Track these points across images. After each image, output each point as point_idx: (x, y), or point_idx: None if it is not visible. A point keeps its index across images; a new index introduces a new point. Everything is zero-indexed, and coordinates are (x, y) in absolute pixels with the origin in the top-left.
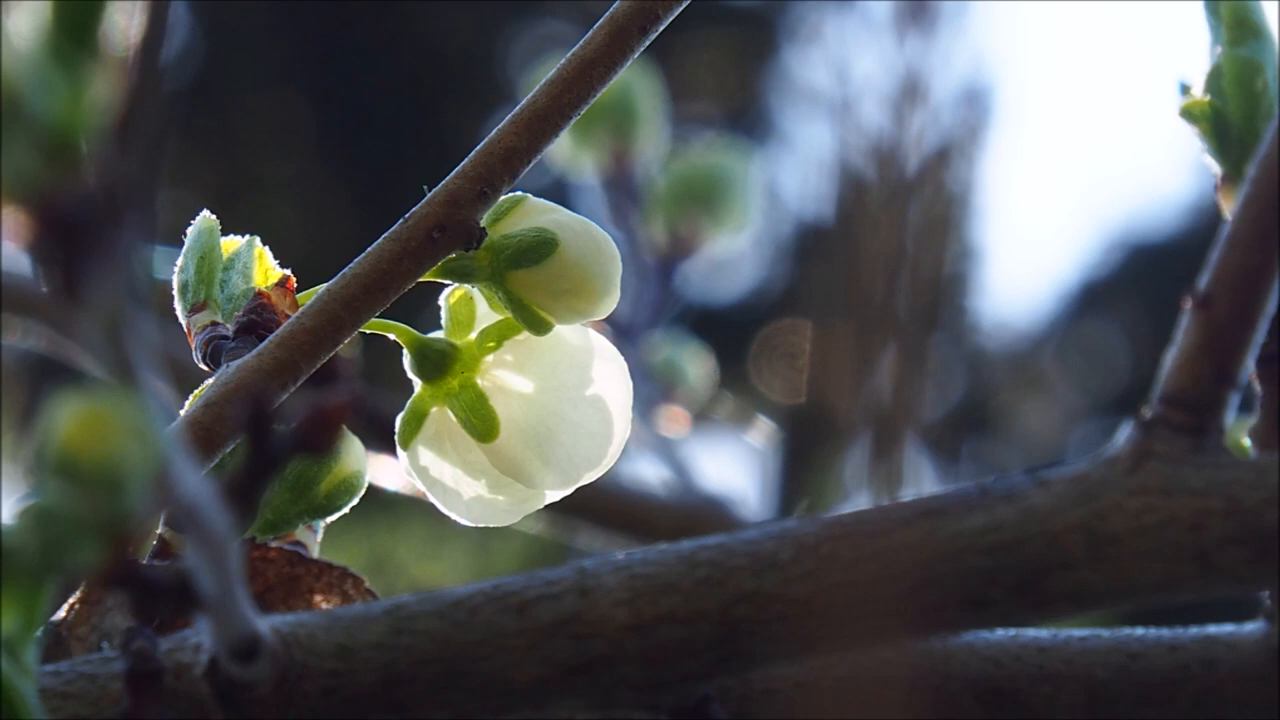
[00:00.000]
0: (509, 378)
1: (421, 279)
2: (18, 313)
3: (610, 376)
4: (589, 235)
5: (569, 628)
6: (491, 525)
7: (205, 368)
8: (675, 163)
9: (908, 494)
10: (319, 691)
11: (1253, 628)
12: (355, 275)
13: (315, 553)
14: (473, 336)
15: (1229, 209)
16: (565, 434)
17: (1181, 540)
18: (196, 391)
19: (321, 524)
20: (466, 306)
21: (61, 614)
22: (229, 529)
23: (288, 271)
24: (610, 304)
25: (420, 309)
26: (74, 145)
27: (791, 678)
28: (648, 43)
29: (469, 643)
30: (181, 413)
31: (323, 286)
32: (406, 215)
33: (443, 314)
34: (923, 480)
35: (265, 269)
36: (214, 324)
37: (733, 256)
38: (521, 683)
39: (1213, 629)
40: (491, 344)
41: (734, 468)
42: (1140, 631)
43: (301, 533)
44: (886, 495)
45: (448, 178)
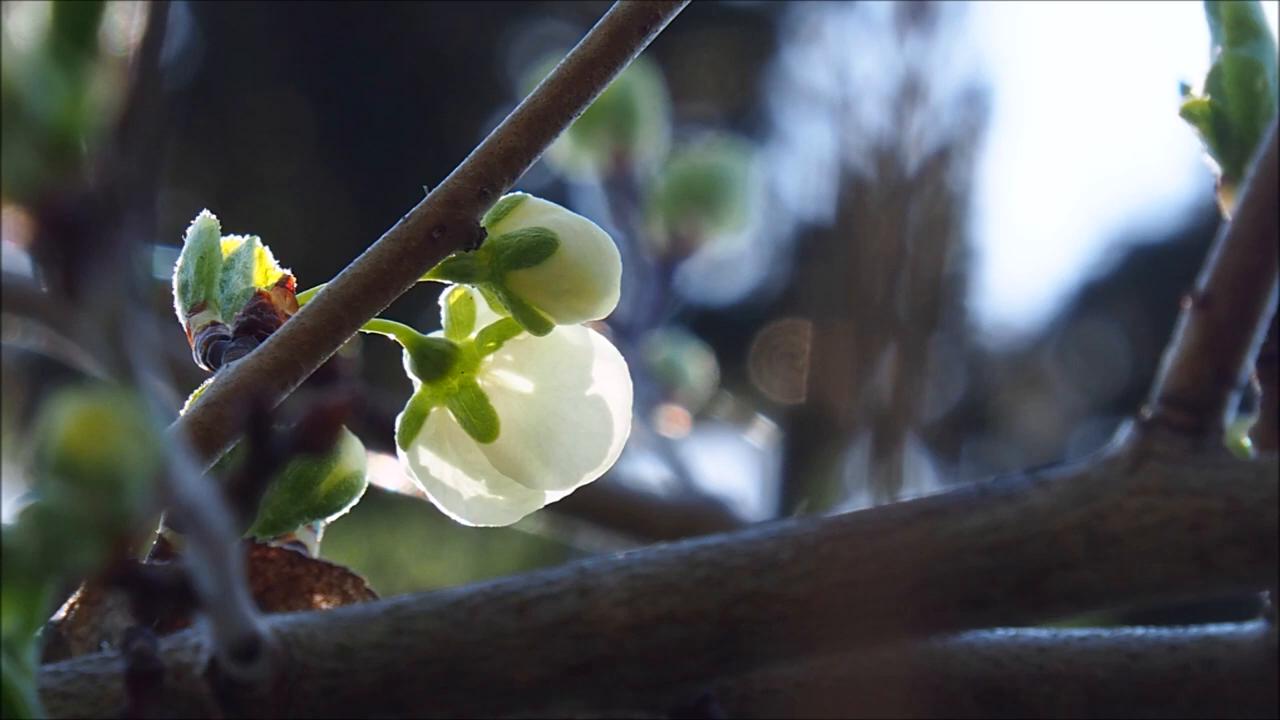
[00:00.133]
0: (509, 378)
1: (421, 279)
2: (18, 313)
3: (610, 376)
4: (589, 235)
5: (569, 628)
6: (491, 525)
7: (205, 368)
8: (675, 163)
9: (908, 494)
10: (319, 691)
11: (1253, 628)
12: (355, 275)
13: (315, 553)
14: (473, 336)
15: (1229, 209)
16: (565, 434)
17: (1181, 540)
18: (196, 391)
19: (321, 524)
20: (466, 306)
21: (61, 614)
22: (229, 529)
23: (288, 271)
24: (610, 304)
25: (420, 309)
26: (74, 145)
27: (791, 678)
28: (648, 43)
29: (469, 643)
30: (181, 413)
31: (323, 286)
32: (406, 215)
33: (443, 314)
34: (923, 480)
35: (265, 269)
36: (214, 324)
37: (733, 256)
38: (521, 683)
39: (1213, 629)
40: (491, 344)
41: (734, 468)
42: (1140, 631)
43: (301, 533)
44: (886, 495)
45: (448, 178)
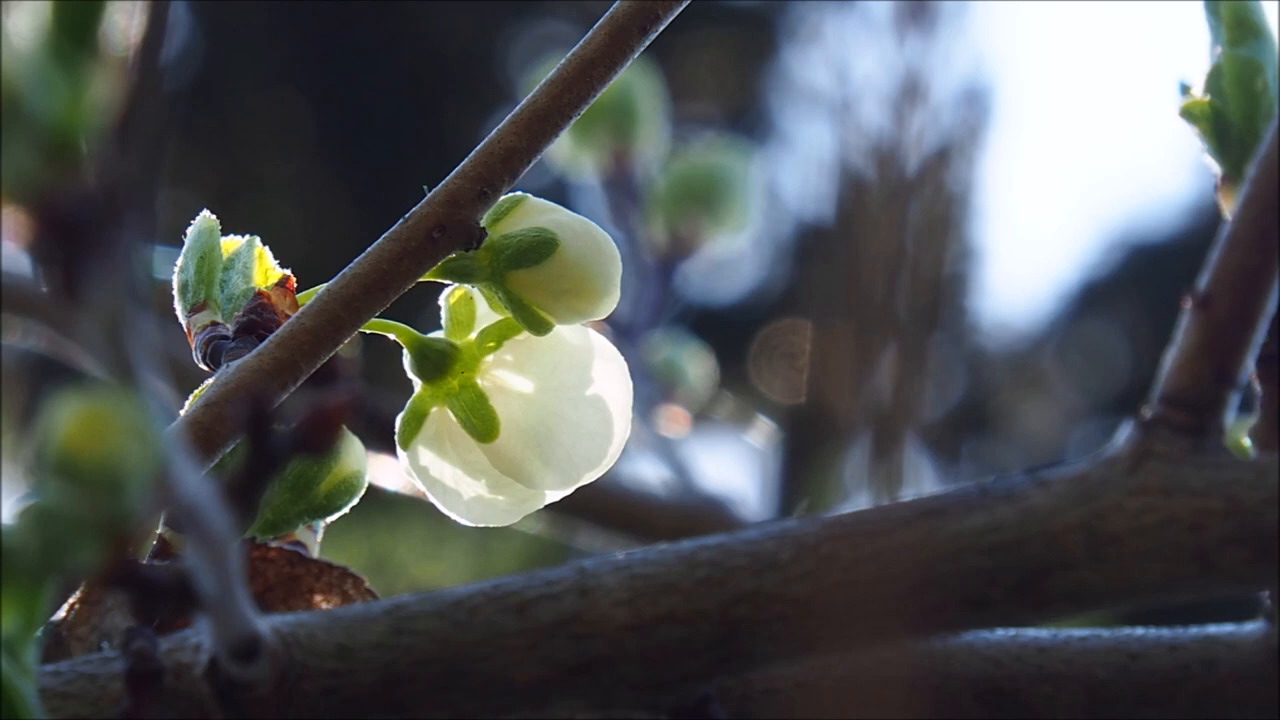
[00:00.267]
0: (509, 378)
1: (421, 279)
2: (18, 313)
3: (610, 376)
4: (589, 235)
5: (569, 628)
6: (491, 525)
7: (205, 368)
8: (675, 163)
9: (908, 494)
10: (319, 691)
11: (1253, 628)
12: (355, 275)
13: (315, 553)
14: (473, 336)
15: (1229, 209)
16: (565, 434)
17: (1181, 540)
18: (196, 391)
19: (321, 524)
20: (466, 306)
21: (61, 614)
22: (229, 529)
23: (288, 271)
24: (610, 304)
25: (420, 309)
26: (74, 145)
27: (791, 678)
28: (648, 43)
29: (469, 643)
30: (181, 413)
31: (323, 286)
32: (406, 215)
33: (443, 314)
34: (923, 480)
35: (265, 269)
36: (214, 324)
37: (733, 256)
38: (521, 683)
39: (1213, 629)
40: (491, 344)
41: (734, 468)
42: (1140, 631)
43: (301, 533)
44: (886, 495)
45: (448, 178)
